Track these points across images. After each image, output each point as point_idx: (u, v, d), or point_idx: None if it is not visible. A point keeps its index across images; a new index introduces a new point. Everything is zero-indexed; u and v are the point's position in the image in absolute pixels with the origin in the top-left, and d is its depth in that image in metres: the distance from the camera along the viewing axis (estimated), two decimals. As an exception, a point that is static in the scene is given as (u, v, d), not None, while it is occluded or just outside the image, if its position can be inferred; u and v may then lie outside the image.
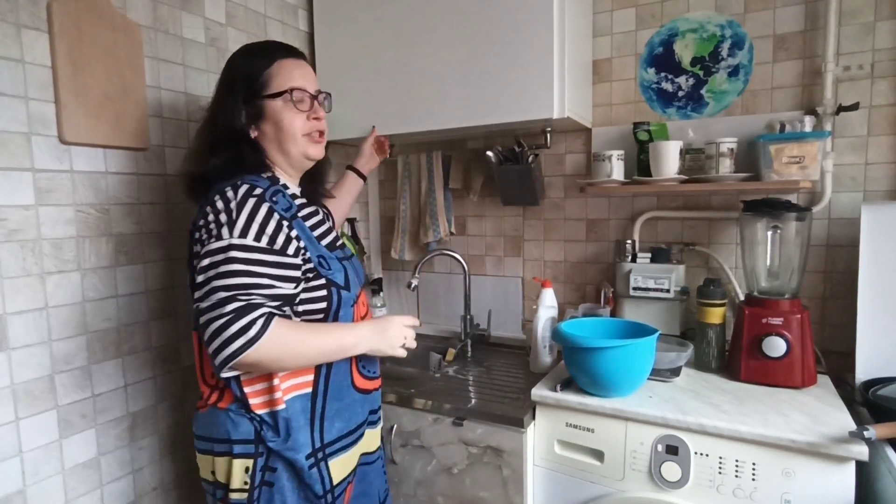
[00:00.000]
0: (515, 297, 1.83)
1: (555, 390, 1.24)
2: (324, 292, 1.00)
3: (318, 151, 1.08)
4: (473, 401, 1.37)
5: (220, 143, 1.01)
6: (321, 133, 1.08)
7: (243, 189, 0.94)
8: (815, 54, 1.38)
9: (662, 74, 1.55)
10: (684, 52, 1.52)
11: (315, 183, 1.19)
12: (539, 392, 1.26)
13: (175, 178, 1.34)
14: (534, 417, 1.27)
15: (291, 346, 0.92)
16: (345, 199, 1.45)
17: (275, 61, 1.04)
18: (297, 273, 0.96)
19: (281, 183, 1.05)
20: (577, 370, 1.21)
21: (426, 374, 1.64)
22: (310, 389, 1.01)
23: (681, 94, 1.53)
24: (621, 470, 1.16)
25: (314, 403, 1.02)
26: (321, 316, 1.01)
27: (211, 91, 1.42)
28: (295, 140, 1.04)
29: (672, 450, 1.11)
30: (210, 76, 1.43)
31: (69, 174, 1.13)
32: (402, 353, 1.09)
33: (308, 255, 0.99)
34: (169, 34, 1.33)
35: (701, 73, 1.50)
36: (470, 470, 1.30)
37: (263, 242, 0.91)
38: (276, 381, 0.96)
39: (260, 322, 0.87)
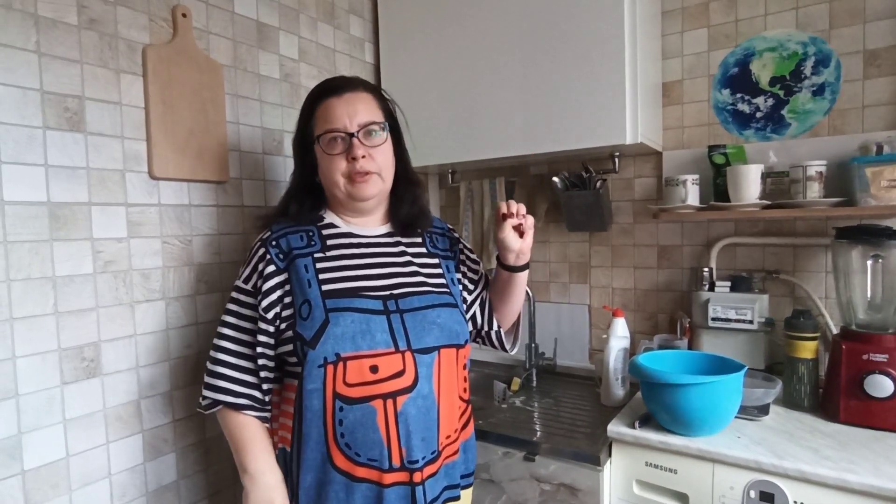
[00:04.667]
0: (582, 326, 1.78)
1: (633, 427, 1.18)
2: (289, 346, 0.94)
3: (362, 191, 0.99)
4: (544, 435, 1.33)
5: (288, 191, 1.09)
6: (366, 172, 0.98)
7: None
8: (911, 70, 1.29)
9: (738, 95, 1.49)
10: (762, 71, 1.45)
11: (402, 211, 1.08)
12: (616, 428, 1.20)
13: (251, 209, 1.39)
14: (610, 455, 1.22)
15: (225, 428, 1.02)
16: (499, 304, 1.16)
17: (319, 104, 1.01)
18: (266, 325, 0.97)
19: (325, 222, 1.04)
20: (658, 407, 1.15)
21: (491, 403, 1.61)
22: (287, 447, 0.96)
23: (759, 115, 1.46)
24: (709, 516, 1.09)
25: (289, 465, 0.95)
26: (299, 372, 0.94)
27: (284, 125, 1.50)
28: (335, 185, 0.99)
29: (767, 496, 1.03)
30: (283, 110, 1.49)
31: (157, 207, 1.19)
32: None
33: (290, 300, 0.95)
34: (247, 72, 1.39)
35: (781, 93, 1.43)
36: (542, 508, 1.25)
37: (249, 285, 1.00)
38: (277, 418, 1.02)
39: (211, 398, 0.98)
